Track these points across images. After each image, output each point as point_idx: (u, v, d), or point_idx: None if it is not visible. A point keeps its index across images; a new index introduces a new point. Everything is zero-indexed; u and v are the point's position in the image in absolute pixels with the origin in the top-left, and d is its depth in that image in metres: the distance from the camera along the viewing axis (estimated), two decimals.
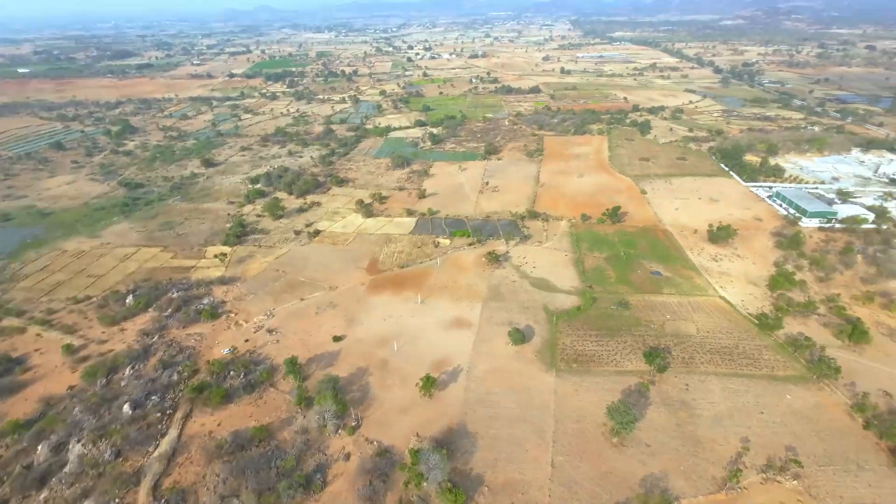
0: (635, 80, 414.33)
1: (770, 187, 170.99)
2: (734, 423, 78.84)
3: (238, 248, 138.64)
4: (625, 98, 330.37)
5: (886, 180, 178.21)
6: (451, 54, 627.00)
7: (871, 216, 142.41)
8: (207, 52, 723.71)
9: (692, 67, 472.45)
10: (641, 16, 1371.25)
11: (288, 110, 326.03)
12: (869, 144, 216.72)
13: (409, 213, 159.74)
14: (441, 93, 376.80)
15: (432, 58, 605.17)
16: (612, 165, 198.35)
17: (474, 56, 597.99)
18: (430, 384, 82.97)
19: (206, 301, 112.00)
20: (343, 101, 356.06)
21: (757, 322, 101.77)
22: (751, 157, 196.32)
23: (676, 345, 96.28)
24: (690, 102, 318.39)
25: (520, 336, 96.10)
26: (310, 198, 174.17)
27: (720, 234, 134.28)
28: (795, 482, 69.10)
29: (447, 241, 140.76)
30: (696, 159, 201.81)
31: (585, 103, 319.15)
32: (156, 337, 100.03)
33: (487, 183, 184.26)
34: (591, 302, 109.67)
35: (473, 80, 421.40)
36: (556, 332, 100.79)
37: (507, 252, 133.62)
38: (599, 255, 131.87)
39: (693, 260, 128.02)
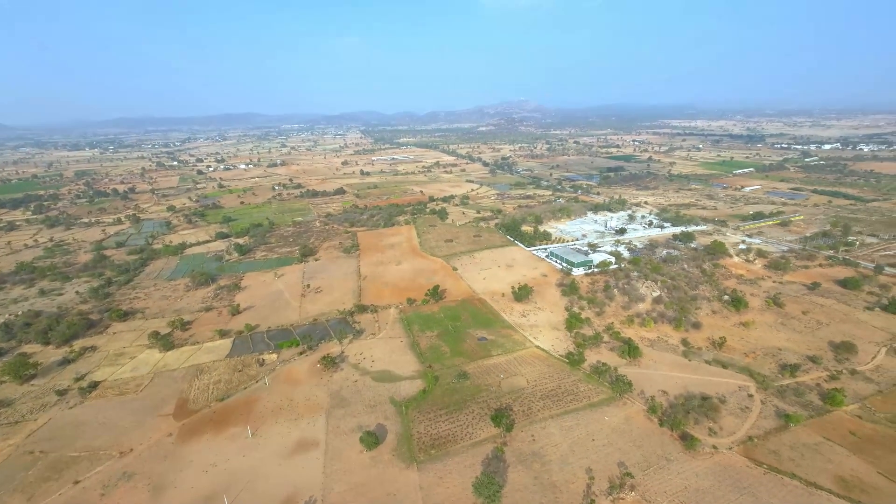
0: (426, 175, 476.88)
1: (545, 248, 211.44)
2: (577, 457, 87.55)
3: None
4: (421, 191, 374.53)
5: (614, 231, 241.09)
6: (247, 164, 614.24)
7: (613, 259, 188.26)
8: None
9: (467, 163, 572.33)
10: (418, 125, 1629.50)
11: (36, 240, 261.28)
12: (596, 208, 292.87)
13: (222, 334, 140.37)
14: (242, 202, 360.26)
15: (227, 169, 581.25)
16: (423, 250, 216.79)
17: (273, 165, 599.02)
18: None
19: None
20: (119, 221, 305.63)
21: (567, 361, 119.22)
22: (526, 227, 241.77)
23: (515, 400, 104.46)
24: (472, 190, 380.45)
25: (373, 439, 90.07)
26: (79, 343, 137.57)
27: (522, 293, 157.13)
28: (633, 493, 79.23)
29: (273, 356, 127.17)
30: (488, 235, 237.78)
31: (389, 199, 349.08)
32: None
33: (308, 285, 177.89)
34: (435, 381, 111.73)
35: (276, 187, 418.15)
36: (408, 422, 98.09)
37: (343, 352, 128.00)
38: (432, 333, 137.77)
39: (508, 320, 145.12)
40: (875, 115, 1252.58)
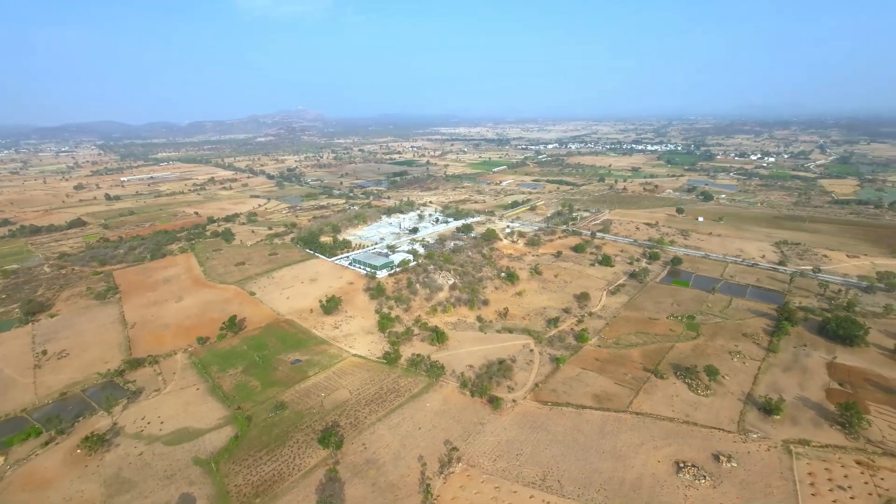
0: (199, 194, 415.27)
1: (347, 257, 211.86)
2: (408, 450, 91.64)
3: None
4: (196, 213, 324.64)
5: (408, 231, 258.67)
6: None
7: (411, 257, 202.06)
8: None
9: (248, 177, 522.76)
10: (180, 137, 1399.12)
11: None
12: (389, 211, 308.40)
13: None
14: None
15: None
16: (209, 279, 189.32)
17: None
18: None
19: None
20: None
21: (385, 361, 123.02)
22: (325, 238, 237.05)
23: (341, 415, 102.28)
24: (260, 206, 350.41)
25: None
26: None
27: (331, 305, 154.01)
28: (460, 463, 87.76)
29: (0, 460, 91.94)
30: (285, 251, 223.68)
31: (153, 225, 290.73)
32: None
33: (45, 351, 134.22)
34: (247, 423, 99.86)
35: None
36: (221, 478, 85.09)
37: (116, 423, 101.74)
38: (235, 370, 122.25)
39: (321, 335, 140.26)
40: (575, 121, 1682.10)
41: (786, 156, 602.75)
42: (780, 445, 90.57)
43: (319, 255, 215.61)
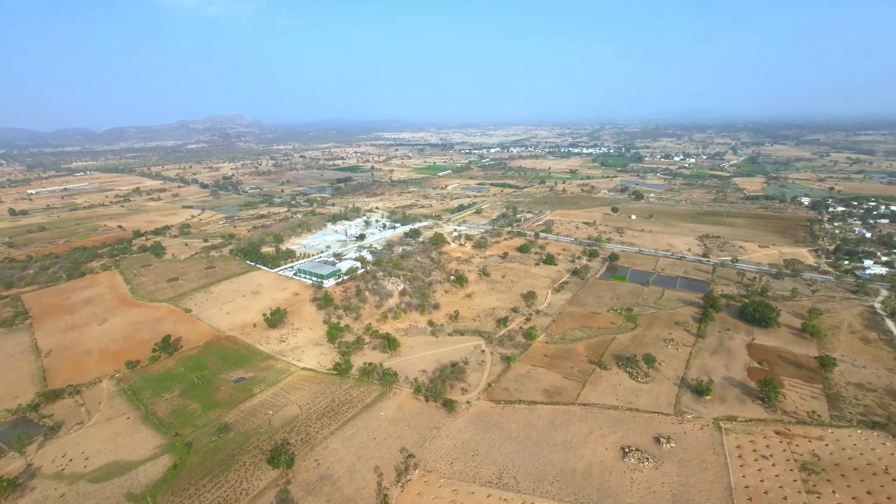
0: (123, 206, 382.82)
1: (292, 267, 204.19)
2: (363, 462, 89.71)
3: None
4: (120, 226, 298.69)
5: (355, 238, 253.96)
6: None
7: (359, 264, 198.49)
8: None
9: (179, 186, 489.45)
10: (98, 145, 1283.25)
11: None
12: (334, 218, 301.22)
13: None
14: None
15: None
16: (138, 297, 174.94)
17: None
18: None
19: None
20: None
21: (336, 372, 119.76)
22: (267, 249, 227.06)
23: (291, 432, 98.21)
24: (193, 217, 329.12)
25: None
26: None
27: (276, 318, 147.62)
28: (417, 470, 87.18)
29: None
30: (224, 264, 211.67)
31: (69, 242, 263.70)
32: None
33: None
34: (187, 449, 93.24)
35: None
36: None
37: (31, 464, 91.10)
38: (172, 394, 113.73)
39: (266, 350, 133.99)
40: (515, 126, 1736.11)
41: (704, 157, 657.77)
42: (711, 423, 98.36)
43: (261, 267, 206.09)
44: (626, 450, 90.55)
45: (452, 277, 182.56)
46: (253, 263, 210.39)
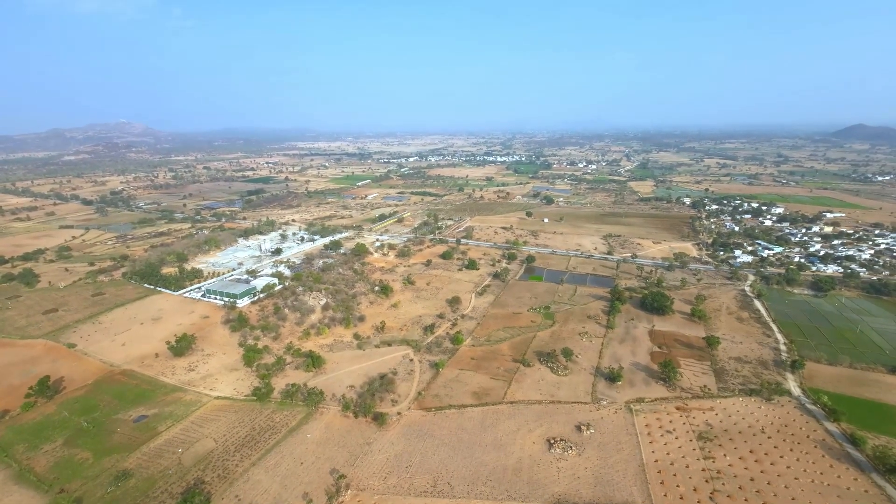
0: None
1: (199, 287, 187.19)
2: (290, 490, 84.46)
3: None
4: None
5: (270, 253, 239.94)
6: None
7: (276, 280, 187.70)
8: None
9: (54, 203, 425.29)
10: None
11: None
12: (246, 233, 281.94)
13: None
14: None
15: None
16: (4, 335, 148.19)
17: None
18: None
19: None
20: None
21: (255, 398, 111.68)
22: (168, 270, 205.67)
23: (205, 469, 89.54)
24: (74, 238, 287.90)
25: None
26: None
27: (182, 346, 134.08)
28: (350, 490, 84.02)
29: None
30: (116, 289, 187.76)
31: None
32: None
33: None
34: None
35: None
36: None
37: None
38: (53, 444, 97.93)
39: (171, 381, 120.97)
40: (432, 135, 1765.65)
41: (604, 163, 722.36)
42: (623, 407, 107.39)
43: (163, 290, 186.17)
44: (552, 441, 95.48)
45: (377, 288, 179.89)
46: (152, 287, 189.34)
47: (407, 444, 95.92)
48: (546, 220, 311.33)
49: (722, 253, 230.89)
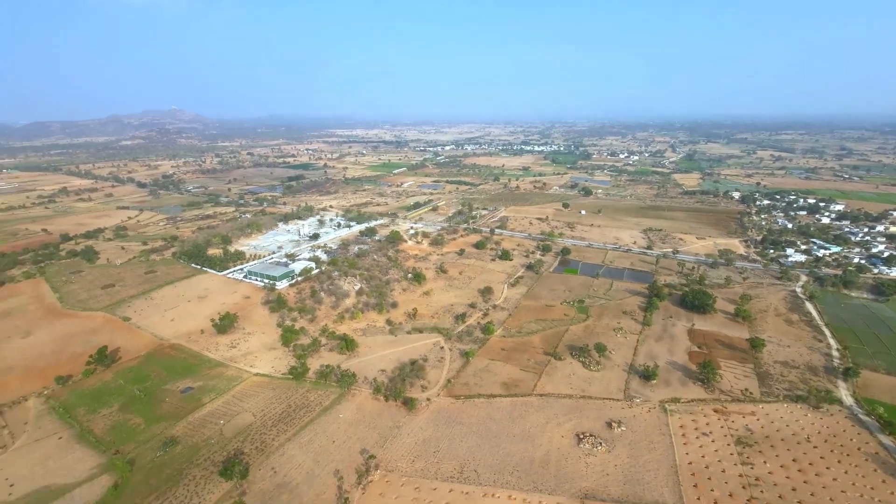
0: (48, 208, 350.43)
1: (242, 269, 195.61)
2: (322, 466, 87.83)
3: None
4: (44, 230, 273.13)
5: (308, 238, 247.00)
6: None
7: (313, 265, 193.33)
8: None
9: (113, 186, 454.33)
10: (16, 140, 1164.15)
11: None
12: (286, 217, 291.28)
13: None
14: None
15: None
16: (68, 307, 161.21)
17: None
18: None
19: None
20: None
21: (292, 376, 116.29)
22: (213, 251, 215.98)
23: (244, 441, 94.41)
24: (130, 218, 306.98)
25: None
26: None
27: (225, 324, 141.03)
28: (378, 470, 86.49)
29: None
30: (167, 267, 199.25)
31: None
32: None
33: None
34: (129, 467, 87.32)
35: None
36: None
37: None
38: (110, 409, 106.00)
39: (215, 357, 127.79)
40: (469, 124, 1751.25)
41: (646, 154, 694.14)
42: (657, 406, 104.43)
43: (208, 270, 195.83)
44: (581, 436, 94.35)
45: (410, 275, 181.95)
46: (199, 266, 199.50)
47: (435, 430, 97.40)
48: (583, 212, 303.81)
49: (772, 251, 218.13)
